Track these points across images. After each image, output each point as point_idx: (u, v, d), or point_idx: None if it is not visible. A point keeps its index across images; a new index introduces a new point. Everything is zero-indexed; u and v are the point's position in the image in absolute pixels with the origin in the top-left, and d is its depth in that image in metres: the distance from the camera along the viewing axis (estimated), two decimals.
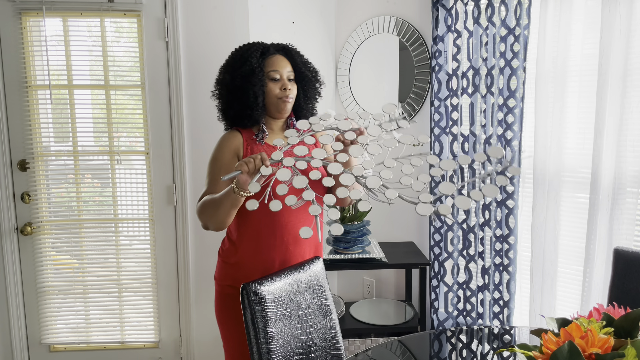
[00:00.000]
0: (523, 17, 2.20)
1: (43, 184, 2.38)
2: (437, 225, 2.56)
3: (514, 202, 2.32)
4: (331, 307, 1.65)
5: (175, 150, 2.38)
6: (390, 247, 2.63)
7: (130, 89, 2.38)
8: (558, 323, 1.06)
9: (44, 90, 2.33)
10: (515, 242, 2.34)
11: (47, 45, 2.27)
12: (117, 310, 2.48)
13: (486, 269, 2.44)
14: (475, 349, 1.53)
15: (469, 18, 2.38)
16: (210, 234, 2.44)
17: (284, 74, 1.66)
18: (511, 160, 2.30)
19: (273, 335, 1.45)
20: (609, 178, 2.09)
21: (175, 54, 2.31)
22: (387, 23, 2.65)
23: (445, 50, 2.45)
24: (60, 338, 2.48)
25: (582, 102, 2.18)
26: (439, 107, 2.49)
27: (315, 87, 1.76)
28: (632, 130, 2.02)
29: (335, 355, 1.60)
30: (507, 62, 2.27)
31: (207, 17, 2.32)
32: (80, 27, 2.32)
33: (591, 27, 2.12)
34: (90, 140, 2.41)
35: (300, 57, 1.75)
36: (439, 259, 2.57)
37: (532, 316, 2.35)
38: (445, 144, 2.50)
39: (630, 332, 1.00)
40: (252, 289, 1.43)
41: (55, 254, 2.45)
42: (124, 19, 2.32)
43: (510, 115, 2.28)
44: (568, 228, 2.27)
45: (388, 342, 1.57)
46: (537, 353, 0.96)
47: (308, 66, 1.74)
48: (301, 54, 1.76)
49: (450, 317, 2.59)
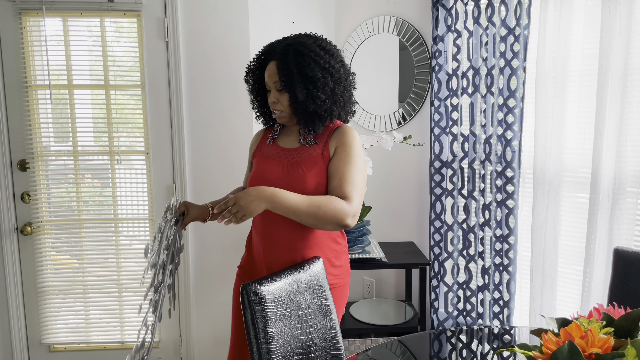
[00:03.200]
0: (523, 17, 2.20)
1: (43, 184, 2.38)
2: (437, 225, 2.56)
3: (514, 202, 2.32)
4: (331, 307, 1.65)
5: (175, 150, 2.38)
6: (390, 247, 2.63)
7: (130, 89, 2.38)
8: (558, 323, 1.06)
9: (44, 90, 2.33)
10: (515, 242, 2.34)
11: (47, 45, 2.27)
12: (117, 310, 2.48)
13: (486, 269, 2.45)
14: (475, 349, 1.53)
15: (469, 18, 2.38)
16: (209, 234, 2.44)
17: (272, 85, 1.58)
18: (511, 160, 2.30)
19: (273, 335, 1.45)
20: (609, 178, 2.09)
21: (175, 54, 2.31)
22: (387, 23, 2.65)
23: (445, 50, 2.45)
24: (60, 338, 2.48)
25: (582, 102, 2.18)
26: (439, 107, 2.49)
27: (308, 89, 1.54)
28: (632, 130, 2.02)
29: (335, 355, 1.60)
30: (507, 62, 2.27)
31: (207, 17, 2.32)
32: (80, 27, 2.32)
33: (591, 27, 2.12)
34: (90, 140, 2.41)
35: (292, 60, 1.53)
36: (439, 259, 2.57)
37: (532, 316, 2.35)
38: (445, 144, 2.50)
39: (630, 332, 1.00)
40: (252, 288, 1.43)
41: (55, 254, 2.45)
42: (124, 19, 2.32)
43: (510, 115, 2.28)
44: (568, 228, 2.28)
45: (388, 342, 1.57)
46: (537, 353, 0.96)
47: (302, 67, 1.53)
48: (301, 52, 1.54)
49: (450, 317, 2.59)
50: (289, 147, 1.65)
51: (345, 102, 1.63)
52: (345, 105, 1.63)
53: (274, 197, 1.45)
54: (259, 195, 1.44)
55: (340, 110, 1.62)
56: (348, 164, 1.55)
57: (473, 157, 2.43)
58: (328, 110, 1.58)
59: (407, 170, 2.72)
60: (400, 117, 2.69)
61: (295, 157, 1.61)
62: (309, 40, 1.57)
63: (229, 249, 2.45)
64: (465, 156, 2.46)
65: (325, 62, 1.54)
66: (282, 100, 1.58)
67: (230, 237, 2.44)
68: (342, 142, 1.58)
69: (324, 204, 1.48)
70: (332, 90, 1.56)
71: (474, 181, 2.44)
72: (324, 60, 1.54)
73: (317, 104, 1.55)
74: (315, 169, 1.57)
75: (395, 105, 2.69)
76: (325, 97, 1.55)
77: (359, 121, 2.76)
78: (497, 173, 2.36)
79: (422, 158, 2.68)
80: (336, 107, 1.59)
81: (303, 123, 1.61)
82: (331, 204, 1.48)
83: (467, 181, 2.46)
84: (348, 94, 1.63)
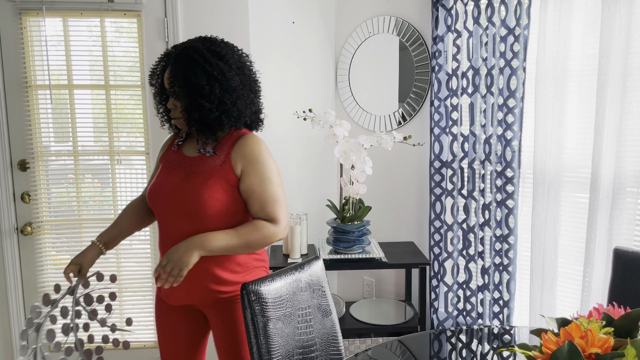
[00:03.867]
0: (523, 17, 2.21)
1: (43, 184, 2.38)
2: (437, 225, 2.57)
3: (513, 202, 2.32)
4: (331, 307, 1.65)
5: None
6: (390, 247, 2.63)
7: (130, 89, 2.38)
8: (558, 323, 1.06)
9: (44, 90, 2.33)
10: (515, 242, 2.34)
11: (47, 45, 2.27)
12: (117, 310, 2.48)
13: (486, 268, 2.45)
14: (475, 348, 1.53)
15: (468, 18, 2.38)
16: None
17: (169, 91, 1.49)
18: (511, 160, 2.30)
19: (273, 335, 1.45)
20: (608, 178, 2.09)
21: None
22: (387, 23, 2.65)
23: (445, 50, 2.45)
24: (60, 338, 2.48)
25: (582, 102, 2.18)
26: (438, 107, 2.49)
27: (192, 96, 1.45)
28: (632, 130, 2.02)
29: (335, 355, 1.61)
30: (507, 62, 2.27)
31: (207, 17, 2.32)
32: (80, 27, 2.32)
33: (591, 27, 2.12)
34: (90, 140, 2.41)
35: (181, 65, 1.45)
36: (439, 259, 2.57)
37: (532, 316, 2.35)
38: (445, 143, 2.50)
39: (630, 332, 1.00)
40: (252, 288, 1.43)
41: (55, 253, 2.45)
42: (124, 19, 2.32)
43: (510, 115, 2.28)
44: (568, 228, 2.28)
45: (388, 342, 1.57)
46: (537, 353, 0.96)
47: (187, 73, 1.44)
48: (190, 57, 1.44)
49: (450, 317, 2.59)
50: (190, 155, 1.58)
51: (242, 112, 1.52)
52: (242, 115, 1.53)
53: (204, 243, 1.44)
54: (189, 246, 1.43)
55: (236, 121, 1.52)
56: (263, 182, 1.51)
57: (473, 157, 2.43)
58: (217, 120, 1.48)
59: (407, 170, 2.72)
60: (400, 117, 2.69)
61: (194, 167, 1.54)
62: (202, 44, 1.48)
63: None
64: (465, 156, 2.46)
65: (214, 69, 1.44)
66: (178, 106, 1.50)
67: None
68: (248, 159, 1.51)
69: (253, 234, 1.49)
70: (219, 99, 1.46)
71: (474, 181, 2.44)
72: (212, 67, 1.44)
73: (202, 113, 1.46)
74: (212, 181, 1.49)
75: (395, 105, 2.69)
76: (211, 106, 1.45)
77: (359, 121, 2.77)
78: (497, 173, 2.37)
79: (422, 158, 2.68)
80: (227, 117, 1.49)
81: (196, 132, 1.52)
82: (259, 232, 1.49)
83: (467, 181, 2.46)
84: (244, 103, 1.52)
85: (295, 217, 2.45)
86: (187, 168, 1.55)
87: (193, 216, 1.48)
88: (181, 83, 1.45)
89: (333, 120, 2.34)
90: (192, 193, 1.49)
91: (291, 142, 2.67)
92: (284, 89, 2.60)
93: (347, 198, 2.42)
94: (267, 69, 2.48)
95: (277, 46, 2.55)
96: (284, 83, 2.60)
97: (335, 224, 2.41)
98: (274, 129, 2.55)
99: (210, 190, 1.48)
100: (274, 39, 2.52)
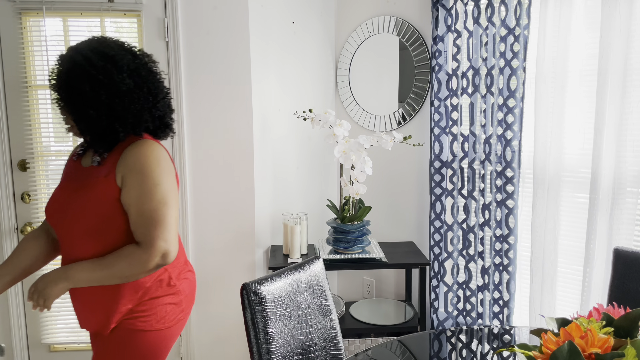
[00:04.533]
0: (523, 17, 2.21)
1: (43, 184, 2.38)
2: (437, 225, 2.57)
3: (513, 202, 2.32)
4: (331, 307, 1.65)
5: (175, 150, 2.38)
6: (390, 247, 2.63)
7: None
8: (558, 323, 1.06)
9: (44, 90, 2.33)
10: (515, 242, 2.34)
11: (47, 45, 2.27)
12: None
13: (486, 268, 2.45)
14: (475, 348, 1.53)
15: (468, 18, 2.38)
16: (209, 234, 2.44)
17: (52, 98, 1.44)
18: (511, 160, 2.30)
19: (273, 335, 1.45)
20: (608, 178, 2.10)
21: (175, 54, 2.31)
22: (387, 23, 2.65)
23: (445, 50, 2.45)
24: (60, 338, 2.48)
25: (582, 102, 2.18)
26: (438, 107, 2.49)
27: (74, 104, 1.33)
28: (632, 130, 2.03)
29: (335, 355, 1.61)
30: (507, 62, 2.27)
31: (207, 17, 2.32)
32: (80, 27, 2.32)
33: (591, 27, 2.12)
34: None
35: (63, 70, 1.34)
36: (439, 259, 2.57)
37: (532, 316, 2.35)
38: (445, 143, 2.50)
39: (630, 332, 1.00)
40: (252, 288, 1.43)
41: None
42: (124, 19, 2.32)
43: (510, 115, 2.28)
44: (568, 228, 2.28)
45: (388, 342, 1.57)
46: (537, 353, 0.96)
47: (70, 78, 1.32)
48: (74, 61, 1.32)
49: (450, 317, 2.59)
50: (85, 165, 1.44)
51: (139, 118, 1.37)
52: (140, 121, 1.38)
53: (68, 274, 1.33)
54: (55, 276, 1.34)
55: (134, 127, 1.37)
56: (141, 196, 1.32)
57: (473, 157, 2.43)
58: (109, 128, 1.33)
59: (407, 170, 2.72)
60: (400, 117, 2.69)
61: (83, 179, 1.39)
62: (88, 45, 1.34)
63: (228, 248, 2.45)
64: (465, 156, 2.46)
65: (99, 72, 1.30)
66: (68, 115, 1.38)
67: (230, 236, 2.44)
68: (129, 168, 1.33)
69: (118, 263, 1.32)
70: (107, 105, 1.31)
71: (474, 181, 2.44)
72: (97, 70, 1.30)
73: (89, 122, 1.32)
74: (94, 195, 1.35)
75: (395, 105, 2.69)
76: (98, 113, 1.31)
77: (359, 121, 2.77)
78: (497, 173, 2.37)
79: (422, 158, 2.68)
80: (120, 124, 1.34)
81: (90, 141, 1.37)
82: (124, 259, 1.32)
83: (467, 181, 2.46)
84: (140, 108, 1.36)
85: (295, 217, 2.45)
86: (78, 180, 1.41)
87: (82, 234, 1.35)
88: (63, 90, 1.32)
89: (333, 120, 2.35)
90: (77, 209, 1.35)
91: (291, 142, 2.67)
92: (284, 89, 2.60)
93: (347, 198, 2.42)
94: (267, 69, 2.49)
95: (277, 46, 2.55)
96: (284, 83, 2.60)
97: (335, 224, 2.41)
98: (274, 129, 2.55)
99: (94, 205, 1.34)
100: (274, 39, 2.52)
